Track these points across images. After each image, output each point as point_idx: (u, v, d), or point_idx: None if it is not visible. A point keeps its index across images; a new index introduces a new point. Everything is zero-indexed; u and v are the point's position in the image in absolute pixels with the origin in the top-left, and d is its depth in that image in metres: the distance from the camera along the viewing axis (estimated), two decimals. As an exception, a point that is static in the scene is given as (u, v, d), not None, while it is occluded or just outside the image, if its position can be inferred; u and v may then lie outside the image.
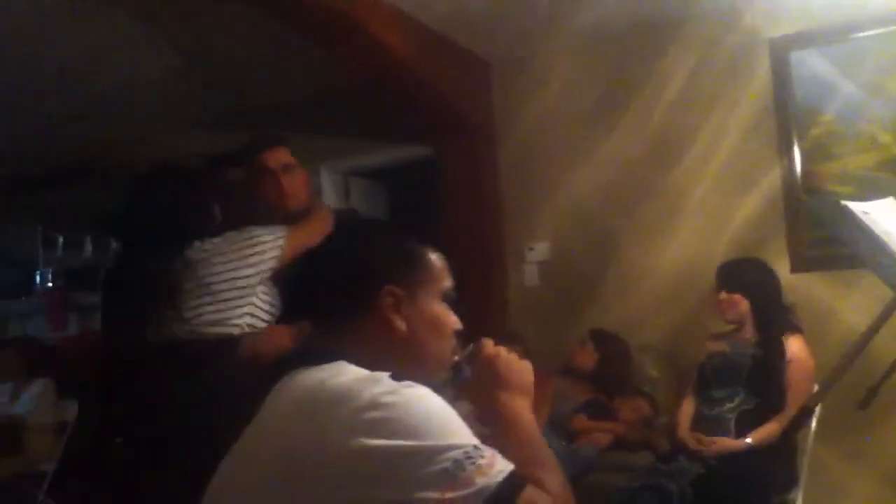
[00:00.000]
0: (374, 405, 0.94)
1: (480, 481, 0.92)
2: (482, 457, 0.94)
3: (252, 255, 2.59)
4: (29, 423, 4.35)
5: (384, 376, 0.99)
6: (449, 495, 0.90)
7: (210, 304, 2.58)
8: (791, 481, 2.80)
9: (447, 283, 1.21)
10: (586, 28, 3.91)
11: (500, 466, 0.95)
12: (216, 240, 2.68)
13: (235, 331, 2.55)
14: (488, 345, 1.23)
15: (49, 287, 5.49)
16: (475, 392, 1.20)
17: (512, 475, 0.95)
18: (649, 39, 3.88)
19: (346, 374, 1.02)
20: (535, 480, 1.00)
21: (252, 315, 2.57)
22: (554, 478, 1.04)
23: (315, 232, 2.62)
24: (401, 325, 1.13)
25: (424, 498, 0.90)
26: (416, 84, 3.76)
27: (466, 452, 0.93)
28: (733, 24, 3.69)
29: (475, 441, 0.97)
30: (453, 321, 1.20)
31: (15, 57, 3.90)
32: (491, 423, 1.16)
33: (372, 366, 1.04)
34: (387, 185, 5.08)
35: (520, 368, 1.21)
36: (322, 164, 4.63)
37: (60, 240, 5.53)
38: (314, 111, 4.44)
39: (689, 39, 3.79)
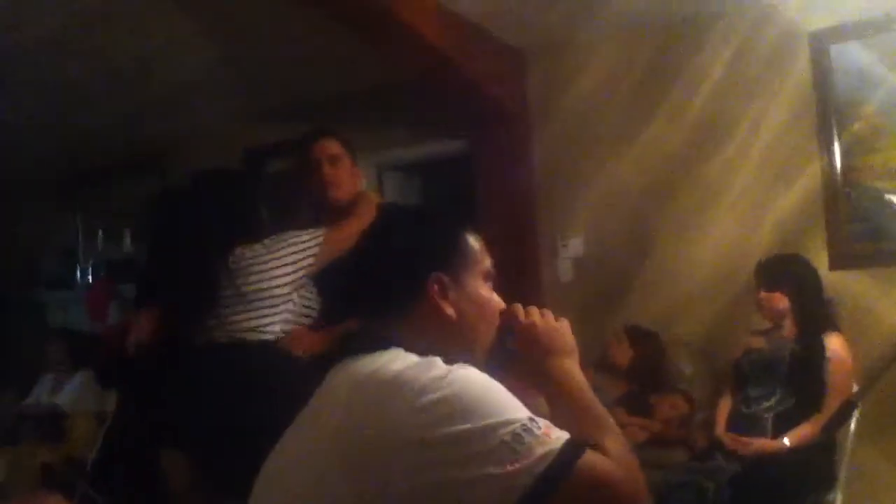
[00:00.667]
0: (429, 389, 0.96)
1: (540, 450, 0.95)
2: (538, 427, 0.97)
3: (290, 261, 2.64)
4: (71, 413, 4.45)
5: (436, 360, 1.02)
6: (511, 468, 0.93)
7: (245, 311, 2.64)
8: (830, 481, 2.77)
9: (488, 263, 1.23)
10: (623, 18, 3.86)
11: (556, 434, 0.98)
12: (256, 246, 2.73)
13: (270, 336, 2.60)
14: (520, 313, 1.25)
15: (89, 279, 5.59)
16: (521, 364, 1.22)
17: (571, 441, 0.98)
18: (687, 31, 3.83)
19: (400, 360, 1.04)
20: (594, 444, 1.02)
21: (287, 321, 2.62)
22: (614, 440, 1.06)
23: (353, 231, 2.63)
24: (449, 310, 1.15)
25: (488, 474, 0.93)
26: (452, 76, 3.75)
27: (523, 425, 0.96)
28: (772, 17, 3.62)
29: (529, 413, 0.99)
30: (497, 301, 1.23)
31: (69, 57, 3.97)
32: (544, 390, 1.19)
33: (424, 352, 1.06)
34: (421, 179, 5.09)
35: (559, 329, 1.23)
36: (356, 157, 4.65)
37: (100, 233, 5.63)
38: (350, 105, 4.47)
39: (727, 32, 3.74)
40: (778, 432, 2.81)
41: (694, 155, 3.81)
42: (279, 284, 2.62)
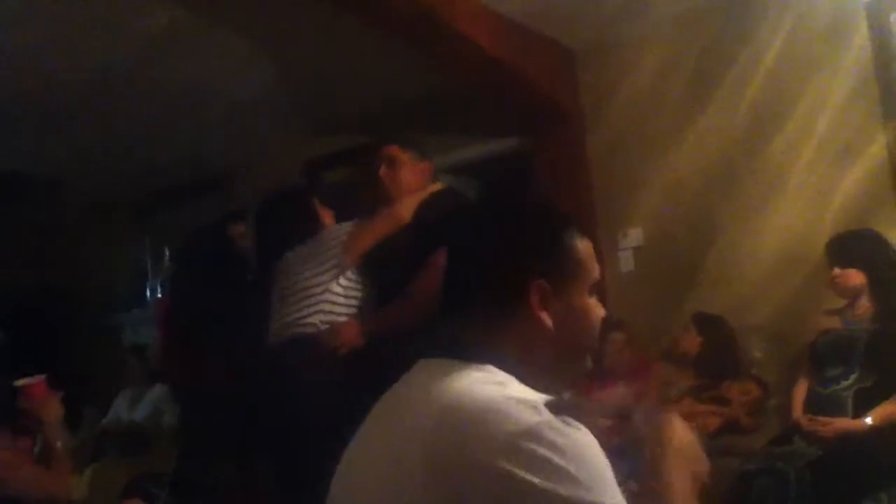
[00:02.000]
0: (534, 436, 0.83)
1: None
2: None
3: (325, 255, 2.73)
4: (148, 427, 4.59)
5: (541, 404, 0.90)
6: None
7: (286, 309, 2.75)
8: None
9: (596, 273, 1.10)
10: (673, 8, 3.85)
11: None
12: (299, 247, 2.86)
13: (310, 329, 2.68)
14: (676, 429, 1.12)
15: (158, 297, 5.76)
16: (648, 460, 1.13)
17: None
18: (739, 14, 3.79)
19: (500, 384, 0.94)
20: None
21: (326, 312, 2.69)
22: None
23: (379, 224, 2.72)
24: (548, 322, 1.02)
25: None
26: (505, 78, 3.79)
27: None
28: (828, -11, 3.56)
29: None
30: (600, 313, 1.10)
31: (135, 84, 4.13)
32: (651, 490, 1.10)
33: (513, 365, 0.99)
34: (476, 181, 5.11)
35: (698, 457, 1.10)
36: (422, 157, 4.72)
37: (167, 252, 5.79)
38: (404, 112, 4.53)
39: (782, 9, 3.68)
40: (859, 412, 2.75)
41: (753, 139, 3.76)
42: (316, 277, 2.71)
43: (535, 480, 0.81)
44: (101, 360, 5.73)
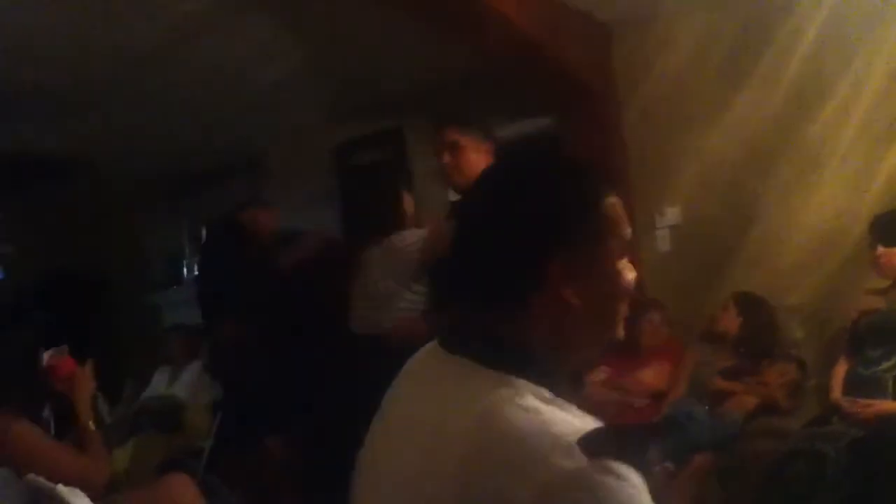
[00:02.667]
0: (579, 484, 0.76)
1: None
2: None
3: (394, 262, 2.82)
4: (186, 404, 4.66)
5: (575, 446, 0.79)
6: None
7: (366, 307, 2.86)
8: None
9: (628, 233, 0.99)
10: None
11: None
12: (374, 248, 2.96)
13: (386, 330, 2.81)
14: None
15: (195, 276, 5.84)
16: None
17: None
18: (779, -10, 3.71)
19: (528, 411, 0.83)
20: None
21: (404, 310, 2.80)
22: None
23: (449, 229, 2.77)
24: (576, 301, 0.92)
25: None
26: (535, 53, 3.73)
27: None
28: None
29: None
30: (631, 277, 0.99)
31: (168, 66, 4.16)
32: None
33: (541, 361, 0.91)
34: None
35: None
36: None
37: (203, 232, 5.87)
38: (437, 93, 4.51)
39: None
40: (900, 394, 2.71)
41: (792, 118, 3.68)
42: (387, 285, 2.80)
43: None
44: (140, 338, 5.84)
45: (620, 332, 1.00)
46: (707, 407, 3.22)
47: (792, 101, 3.68)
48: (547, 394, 0.87)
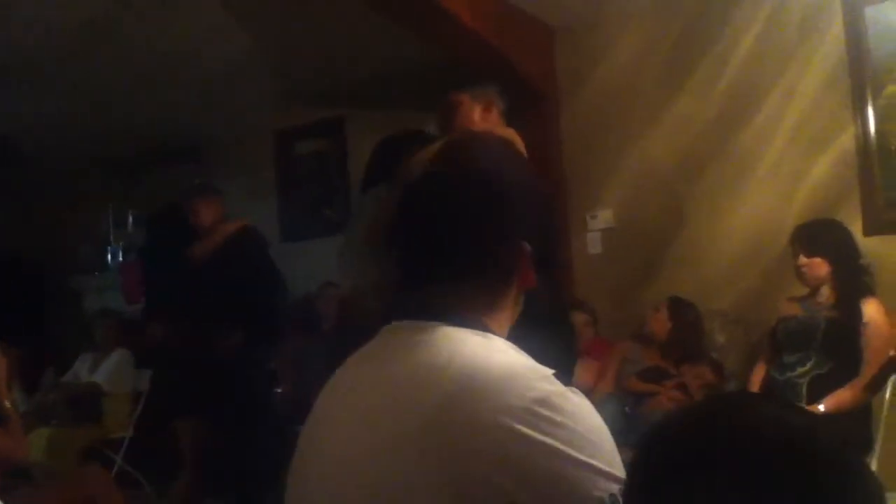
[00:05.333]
0: (547, 403, 0.85)
1: None
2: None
3: None
4: (108, 392, 4.54)
5: (550, 374, 0.90)
6: None
7: None
8: (866, 446, 2.74)
9: None
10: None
11: None
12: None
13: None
14: None
15: (121, 262, 5.69)
16: None
17: None
18: (717, 1, 3.79)
19: (505, 352, 0.94)
20: None
21: None
22: None
23: None
24: (531, 282, 1.03)
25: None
26: (482, 52, 3.74)
27: (620, 489, 0.84)
28: (805, -20, 3.57)
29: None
30: None
31: (105, 47, 4.03)
32: None
33: (488, 323, 0.99)
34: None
35: None
36: (385, 133, 4.67)
37: (130, 218, 5.72)
38: (382, 86, 4.48)
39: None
40: (813, 399, 2.79)
41: (726, 126, 3.77)
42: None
43: (548, 441, 0.83)
44: (62, 323, 5.65)
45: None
46: (628, 408, 3.28)
47: (726, 109, 3.77)
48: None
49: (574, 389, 0.90)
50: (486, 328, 0.98)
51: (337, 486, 0.94)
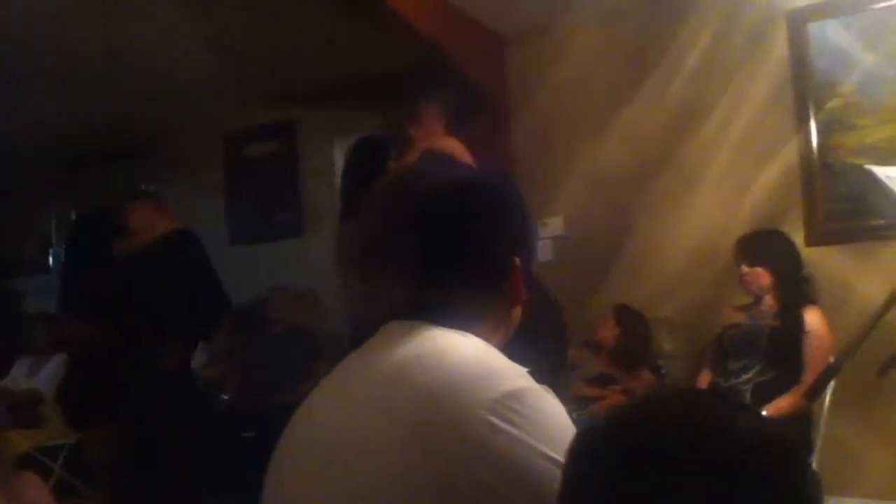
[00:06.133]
0: (520, 398, 0.89)
1: None
2: None
3: None
4: (47, 398, 4.41)
5: (525, 371, 0.95)
6: None
7: None
8: (806, 451, 2.81)
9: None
10: (603, 2, 3.88)
11: None
12: None
13: None
14: None
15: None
16: None
17: None
18: (667, 12, 3.85)
19: (487, 353, 0.99)
20: None
21: None
22: None
23: None
24: (523, 296, 1.08)
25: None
26: (433, 57, 3.75)
27: None
28: (751, -3, 3.66)
29: None
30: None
31: (54, 44, 3.92)
32: None
33: (489, 336, 1.03)
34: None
35: None
36: (337, 137, 4.65)
37: (73, 217, 5.58)
38: (335, 90, 4.46)
39: (707, 11, 3.76)
40: (756, 405, 2.84)
41: (674, 137, 3.83)
42: None
43: (518, 433, 0.87)
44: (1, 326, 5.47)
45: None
46: (575, 415, 3.30)
47: (674, 120, 3.83)
48: None
49: (547, 388, 0.94)
50: (472, 331, 1.02)
51: (319, 485, 0.95)
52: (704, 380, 3.11)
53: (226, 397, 4.21)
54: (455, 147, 2.54)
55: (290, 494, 1.00)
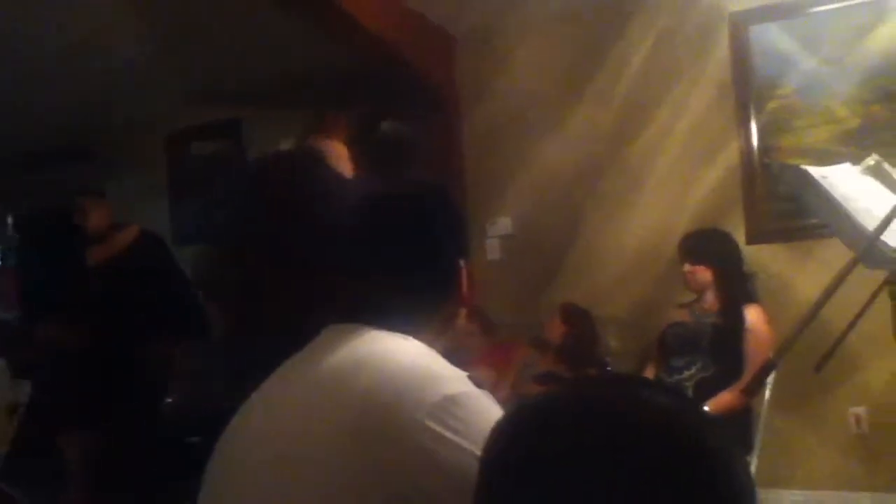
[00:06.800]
0: (458, 402, 0.91)
1: None
2: None
3: None
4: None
5: (465, 375, 0.97)
6: None
7: None
8: (747, 446, 2.86)
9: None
10: (552, 4, 3.91)
11: None
12: None
13: None
14: None
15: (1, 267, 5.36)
16: None
17: None
18: (614, 14, 3.90)
19: (427, 357, 1.00)
20: None
21: None
22: None
23: None
24: (467, 297, 1.13)
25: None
26: (385, 57, 3.74)
27: None
28: (695, 0, 3.71)
29: None
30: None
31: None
32: None
33: (418, 333, 1.04)
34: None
35: None
36: (283, 137, 4.58)
37: (10, 220, 5.40)
38: (284, 89, 4.40)
39: (652, 14, 3.82)
40: (699, 401, 2.88)
41: (620, 137, 3.88)
42: None
43: (455, 438, 0.88)
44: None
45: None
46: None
47: (620, 121, 3.88)
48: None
49: (487, 392, 0.96)
50: (413, 335, 1.03)
51: (254, 494, 0.94)
52: (648, 376, 3.15)
53: (170, 400, 4.12)
54: (333, 150, 2.52)
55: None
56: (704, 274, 3.08)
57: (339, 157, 2.45)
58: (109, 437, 3.35)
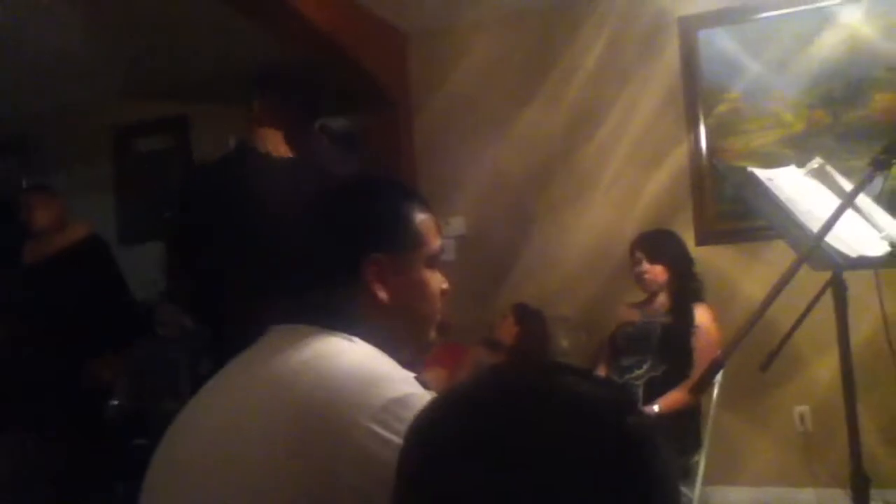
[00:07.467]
0: (403, 404, 0.89)
1: None
2: None
3: None
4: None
5: (412, 377, 0.96)
6: None
7: None
8: (696, 444, 2.91)
9: (437, 244, 1.13)
10: (503, 4, 3.92)
11: None
12: None
13: None
14: None
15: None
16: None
17: None
18: (565, 16, 3.93)
19: (370, 356, 0.98)
20: None
21: None
22: None
23: None
24: (382, 294, 1.05)
25: None
26: (334, 55, 3.69)
27: None
28: (645, 2, 3.76)
29: None
30: (441, 286, 1.14)
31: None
32: None
33: (367, 337, 1.01)
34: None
35: None
36: (231, 133, 4.50)
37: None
38: (228, 84, 4.31)
39: (603, 17, 3.85)
40: (649, 399, 2.92)
41: (571, 138, 3.91)
42: None
43: (399, 441, 0.83)
44: None
45: (431, 335, 1.15)
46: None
47: (571, 123, 3.90)
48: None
49: (433, 394, 0.91)
50: (356, 336, 1.01)
51: (196, 496, 0.93)
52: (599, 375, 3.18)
53: (115, 402, 4.02)
54: (271, 139, 2.48)
55: None
56: (661, 273, 3.12)
57: (275, 143, 2.42)
58: (40, 439, 3.25)
